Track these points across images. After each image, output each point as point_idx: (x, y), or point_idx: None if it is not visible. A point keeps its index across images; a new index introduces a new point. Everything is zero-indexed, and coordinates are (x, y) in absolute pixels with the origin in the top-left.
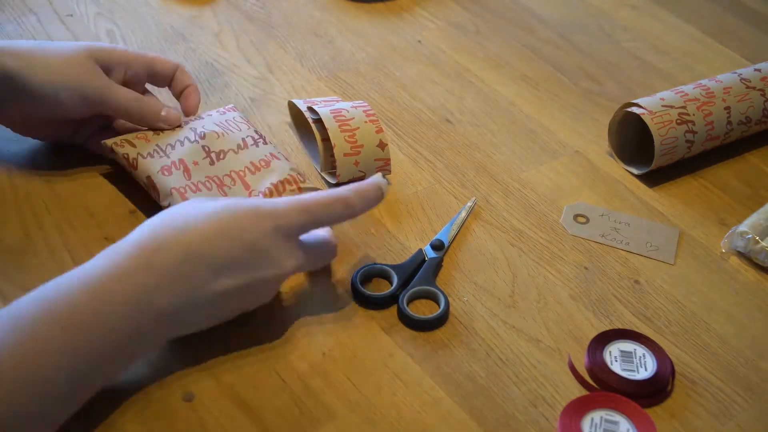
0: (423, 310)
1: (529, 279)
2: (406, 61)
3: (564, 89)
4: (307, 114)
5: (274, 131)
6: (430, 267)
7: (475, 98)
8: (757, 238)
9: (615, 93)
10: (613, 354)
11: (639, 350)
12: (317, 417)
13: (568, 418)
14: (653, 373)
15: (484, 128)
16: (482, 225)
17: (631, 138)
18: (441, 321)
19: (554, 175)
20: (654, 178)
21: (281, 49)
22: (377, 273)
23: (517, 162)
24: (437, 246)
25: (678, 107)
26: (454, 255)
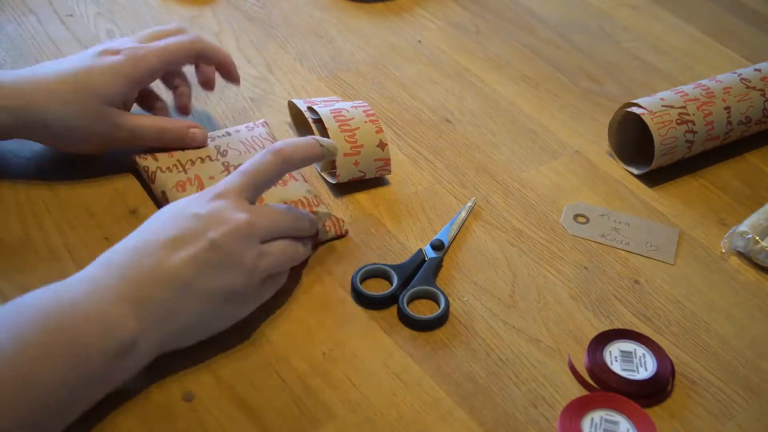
0: (423, 310)
1: (529, 279)
2: (406, 61)
3: (564, 89)
4: (307, 114)
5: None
6: (430, 267)
7: (475, 98)
8: (757, 238)
9: (615, 93)
10: (613, 354)
11: (639, 350)
12: (317, 417)
13: (568, 418)
14: (653, 373)
15: (484, 128)
16: (482, 225)
17: (631, 138)
18: (441, 321)
19: (554, 175)
20: (654, 178)
21: (281, 49)
22: (377, 273)
23: (517, 162)
24: (437, 246)
25: (678, 107)
26: (454, 255)
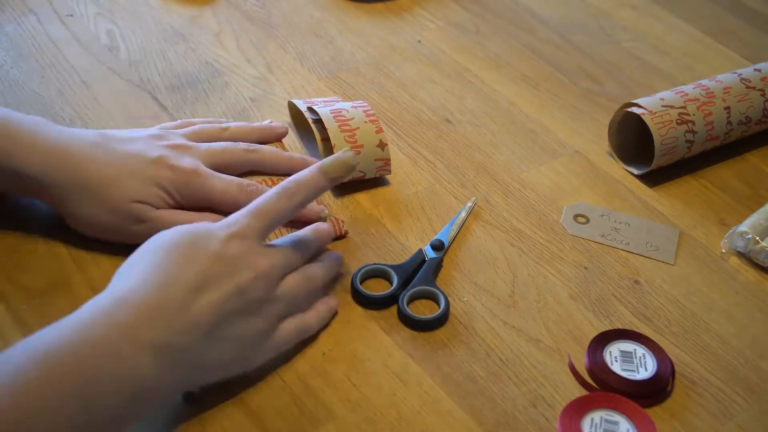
0: (423, 310)
1: (529, 279)
2: (406, 61)
3: (564, 89)
4: (307, 114)
5: None
6: (430, 267)
7: (475, 98)
8: (757, 238)
9: (615, 93)
10: (613, 354)
11: (639, 350)
12: (317, 417)
13: (568, 418)
14: (653, 373)
15: (484, 128)
16: (482, 225)
17: (631, 138)
18: (441, 321)
19: (554, 175)
20: (654, 178)
21: (281, 49)
22: (377, 273)
23: (517, 162)
24: (437, 246)
25: (678, 107)
26: (454, 255)
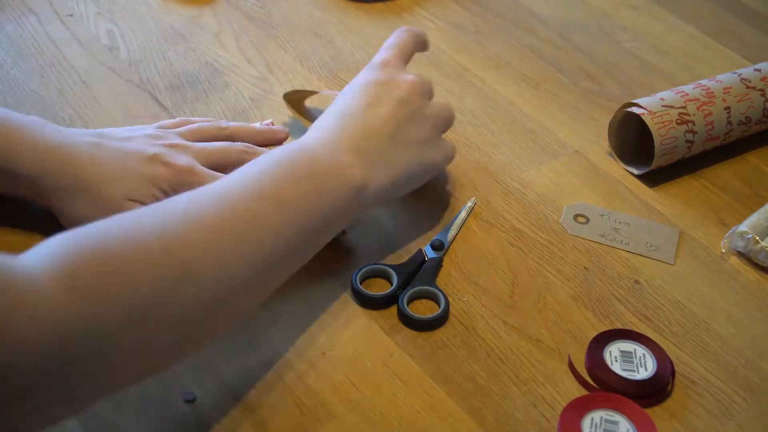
0: (423, 310)
1: (529, 279)
2: None
3: (564, 89)
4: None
5: None
6: (430, 267)
7: (475, 98)
8: (757, 238)
9: (615, 93)
10: (613, 354)
11: (639, 350)
12: (317, 417)
13: (568, 418)
14: (653, 373)
15: (484, 128)
16: (482, 225)
17: (631, 138)
18: (441, 321)
19: (554, 175)
20: (654, 178)
21: (281, 49)
22: (377, 273)
23: (517, 162)
24: (437, 246)
25: (678, 107)
26: (454, 255)
